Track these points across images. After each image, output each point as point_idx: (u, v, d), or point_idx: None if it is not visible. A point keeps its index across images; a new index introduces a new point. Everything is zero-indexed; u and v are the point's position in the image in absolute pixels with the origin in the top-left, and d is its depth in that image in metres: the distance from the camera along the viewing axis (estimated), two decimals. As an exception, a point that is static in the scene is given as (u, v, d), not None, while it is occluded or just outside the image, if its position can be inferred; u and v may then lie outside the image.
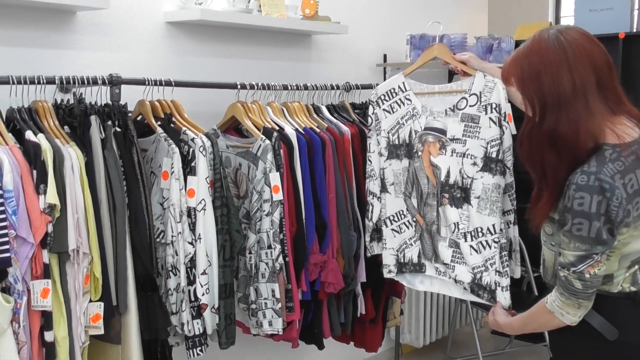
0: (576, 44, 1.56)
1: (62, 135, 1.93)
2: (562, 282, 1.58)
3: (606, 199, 1.50)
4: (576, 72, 1.54)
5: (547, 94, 1.56)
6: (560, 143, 1.56)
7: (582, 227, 1.52)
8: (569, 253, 1.56)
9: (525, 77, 1.61)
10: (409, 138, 2.37)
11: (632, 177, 1.54)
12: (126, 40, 2.44)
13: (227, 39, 2.77)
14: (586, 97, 1.54)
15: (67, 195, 1.83)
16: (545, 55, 1.56)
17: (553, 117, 1.56)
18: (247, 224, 2.31)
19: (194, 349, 2.12)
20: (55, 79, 1.99)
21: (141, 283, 2.04)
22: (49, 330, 1.81)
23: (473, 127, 2.19)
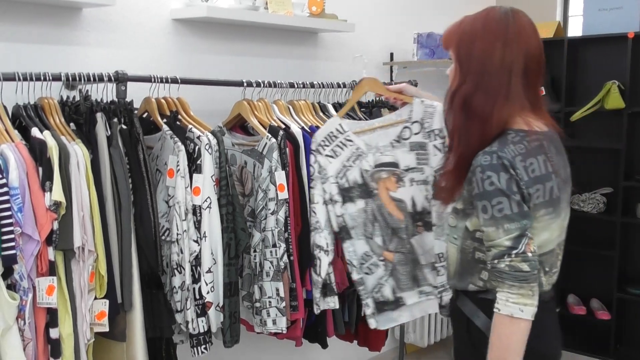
0: (520, 25, 1.55)
1: (68, 133, 1.93)
2: (507, 274, 1.46)
3: (512, 176, 1.47)
4: (509, 49, 1.53)
5: (474, 59, 1.55)
6: (472, 110, 1.55)
7: (503, 206, 1.46)
8: (502, 240, 1.46)
9: (462, 39, 1.59)
10: (360, 179, 2.35)
11: (534, 162, 1.51)
12: (132, 37, 2.44)
13: (234, 37, 2.76)
14: (510, 76, 1.52)
15: (73, 192, 1.83)
16: (488, 24, 1.56)
17: (474, 81, 1.55)
18: (252, 222, 2.30)
19: (198, 347, 2.12)
20: (61, 76, 1.98)
21: (146, 281, 2.04)
22: (54, 327, 1.81)
23: (424, 154, 2.20)
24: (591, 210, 3.85)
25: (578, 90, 3.98)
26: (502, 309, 1.47)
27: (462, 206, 1.60)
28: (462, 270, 1.65)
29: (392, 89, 2.23)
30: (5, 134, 1.82)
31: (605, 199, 3.87)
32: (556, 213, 1.55)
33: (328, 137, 2.32)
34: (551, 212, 1.53)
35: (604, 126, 3.87)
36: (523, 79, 1.54)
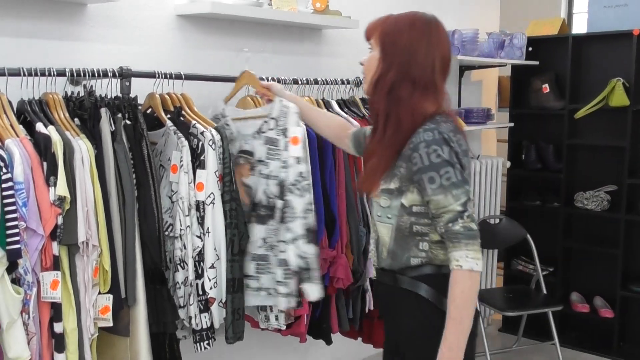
0: (439, 31, 1.75)
1: (73, 128, 1.93)
2: (462, 234, 1.62)
3: (453, 149, 1.65)
4: (432, 48, 1.71)
5: (400, 50, 1.71)
6: (398, 99, 1.70)
7: (450, 175, 1.63)
8: (453, 206, 1.63)
9: (388, 32, 1.75)
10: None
11: (460, 138, 1.71)
12: (136, 33, 2.44)
13: (238, 33, 2.76)
14: (433, 71, 1.71)
15: (77, 187, 1.83)
16: (414, 24, 1.74)
17: (399, 72, 1.70)
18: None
19: (201, 343, 2.13)
20: (66, 71, 1.99)
21: (150, 276, 2.04)
22: (58, 322, 1.81)
23: (274, 149, 2.27)
24: (595, 208, 3.85)
25: (582, 87, 3.97)
26: (463, 264, 1.62)
27: (397, 185, 1.71)
28: (397, 248, 1.75)
29: (263, 85, 2.34)
30: (10, 129, 1.83)
31: (609, 196, 3.87)
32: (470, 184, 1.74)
33: (214, 119, 2.38)
34: (470, 183, 1.72)
35: (609, 124, 3.86)
36: (441, 75, 1.74)
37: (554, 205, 4.01)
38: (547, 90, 3.94)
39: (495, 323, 4.28)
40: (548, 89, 3.94)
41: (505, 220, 3.85)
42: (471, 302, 1.63)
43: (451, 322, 1.63)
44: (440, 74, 1.73)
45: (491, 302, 3.58)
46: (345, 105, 2.76)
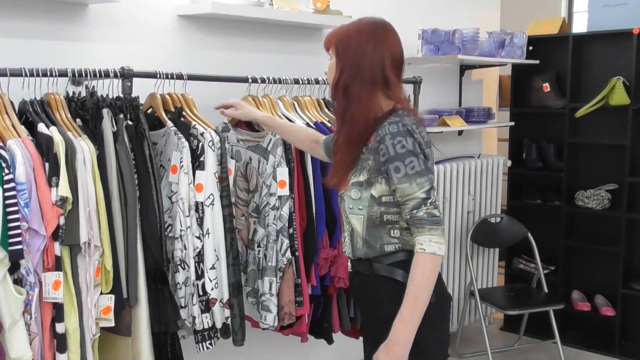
0: (386, 31, 1.84)
1: (74, 128, 1.94)
2: (425, 220, 1.72)
3: (417, 139, 1.74)
4: (379, 47, 1.80)
5: (350, 53, 1.81)
6: (351, 97, 1.80)
7: (414, 164, 1.72)
8: (416, 193, 1.72)
9: (340, 38, 1.86)
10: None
11: (422, 130, 1.80)
12: (138, 33, 2.44)
13: (239, 33, 2.76)
14: (383, 67, 1.80)
15: (79, 188, 1.83)
16: (361, 28, 1.84)
17: (349, 73, 1.81)
18: (257, 217, 2.31)
19: (203, 343, 2.13)
20: (68, 72, 1.99)
21: (152, 276, 2.05)
22: (60, 322, 1.82)
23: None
24: (596, 206, 3.85)
25: (583, 86, 3.97)
26: (427, 248, 1.71)
27: (366, 177, 1.80)
28: (370, 238, 1.83)
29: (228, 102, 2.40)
30: (12, 129, 1.83)
31: (610, 195, 3.87)
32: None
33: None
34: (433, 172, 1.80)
35: (609, 122, 3.86)
36: (394, 70, 1.83)
37: (555, 204, 4.01)
38: (547, 89, 3.94)
39: (496, 322, 4.29)
40: (549, 87, 3.94)
41: (506, 219, 3.85)
42: (429, 283, 1.73)
43: (408, 300, 1.72)
44: (392, 70, 1.82)
45: (493, 300, 3.58)
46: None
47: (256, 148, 2.34)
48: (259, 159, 2.33)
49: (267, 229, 2.27)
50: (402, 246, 1.81)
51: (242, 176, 2.38)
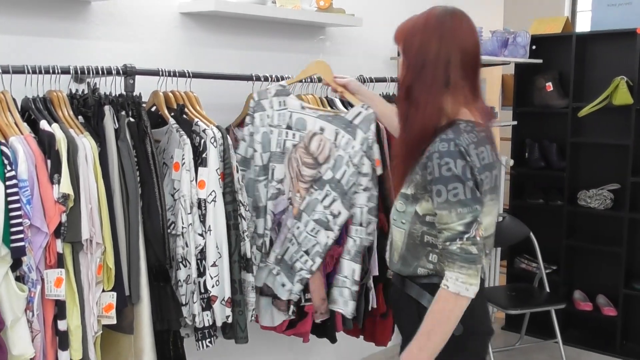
0: (456, 22, 1.67)
1: (76, 125, 1.93)
2: (458, 255, 1.56)
3: (468, 163, 1.56)
4: (444, 43, 1.63)
5: (414, 52, 1.67)
6: (412, 99, 1.66)
7: (458, 191, 1.55)
8: (454, 225, 1.56)
9: (407, 34, 1.72)
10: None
11: (484, 151, 1.62)
12: (141, 31, 2.44)
13: (242, 31, 2.76)
14: (447, 68, 1.62)
15: (81, 185, 1.83)
16: (428, 21, 1.68)
17: (413, 73, 1.66)
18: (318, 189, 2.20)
19: (204, 341, 2.13)
20: (70, 69, 1.99)
21: (154, 274, 2.05)
22: (62, 319, 1.82)
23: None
24: (598, 206, 3.84)
25: (586, 86, 3.96)
26: (450, 286, 1.57)
27: (412, 191, 1.67)
28: (408, 255, 1.71)
29: (338, 82, 2.26)
30: (15, 126, 1.83)
31: (613, 195, 3.86)
32: (497, 198, 1.69)
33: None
34: (494, 197, 1.66)
35: (612, 122, 3.85)
36: (462, 71, 1.64)
37: (557, 204, 4.00)
38: (550, 88, 3.93)
39: (498, 321, 4.28)
40: (552, 87, 3.93)
41: (509, 218, 3.84)
42: (447, 324, 1.59)
43: (419, 336, 1.61)
44: (458, 70, 1.63)
45: (494, 300, 3.58)
46: (348, 103, 2.75)
47: (333, 118, 2.21)
48: (336, 131, 2.20)
49: (352, 210, 2.17)
50: (436, 272, 1.67)
51: (304, 148, 2.24)
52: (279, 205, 2.32)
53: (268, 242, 2.35)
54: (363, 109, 2.21)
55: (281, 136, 2.26)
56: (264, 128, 2.28)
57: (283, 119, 2.25)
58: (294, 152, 2.22)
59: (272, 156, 2.30)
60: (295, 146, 2.22)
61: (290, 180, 2.25)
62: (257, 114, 2.30)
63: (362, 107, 2.22)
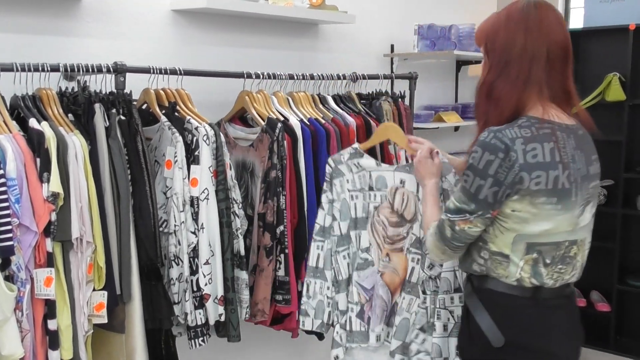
0: (542, 15, 1.58)
1: (66, 123, 1.92)
2: (439, 223, 1.64)
3: (498, 159, 1.50)
4: (530, 37, 1.56)
5: (498, 48, 1.60)
6: (494, 98, 1.59)
7: (467, 179, 1.55)
8: (451, 199, 1.61)
9: (488, 32, 1.65)
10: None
11: (537, 148, 1.52)
12: (131, 28, 2.42)
13: (233, 28, 2.75)
14: (531, 64, 1.56)
15: (71, 183, 1.82)
16: (510, 14, 1.61)
17: (497, 70, 1.60)
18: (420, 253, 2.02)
19: (196, 340, 2.12)
20: (60, 67, 1.97)
21: (145, 272, 2.03)
22: (52, 319, 1.81)
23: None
24: (592, 202, 3.84)
25: (579, 82, 3.88)
26: (430, 230, 1.68)
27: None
28: (466, 250, 1.68)
29: (412, 147, 2.03)
30: (3, 124, 1.82)
31: (606, 191, 3.86)
32: (563, 206, 1.54)
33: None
34: (555, 202, 1.53)
35: (605, 118, 3.84)
36: (546, 65, 1.56)
37: (551, 200, 4.00)
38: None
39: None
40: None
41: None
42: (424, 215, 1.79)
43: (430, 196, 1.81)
44: (544, 64, 1.55)
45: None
46: (341, 100, 2.75)
47: (411, 167, 2.01)
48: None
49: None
50: (487, 271, 1.63)
51: (389, 206, 2.07)
52: (369, 278, 2.09)
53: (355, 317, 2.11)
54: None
55: (366, 199, 2.09)
56: (344, 194, 2.12)
57: (364, 181, 2.10)
58: (376, 214, 2.07)
59: (357, 223, 2.11)
60: (377, 208, 2.07)
61: (377, 246, 2.09)
62: (336, 179, 2.13)
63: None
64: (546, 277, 1.60)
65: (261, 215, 2.30)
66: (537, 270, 1.58)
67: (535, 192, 1.51)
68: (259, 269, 2.30)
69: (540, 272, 1.59)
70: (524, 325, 1.59)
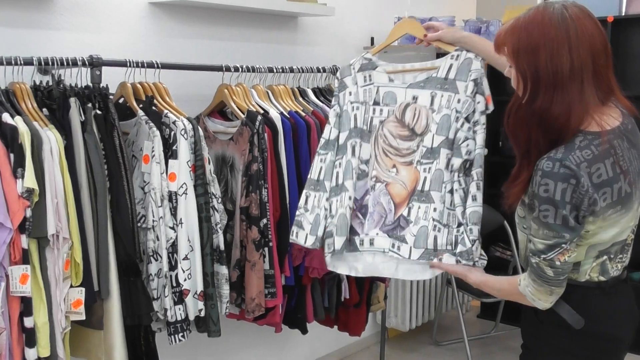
0: (580, 24, 1.48)
1: (41, 118, 1.89)
2: (533, 268, 1.56)
3: (571, 185, 1.46)
4: (576, 53, 1.46)
5: (542, 71, 1.49)
6: (549, 124, 1.51)
7: (548, 214, 1.48)
8: (537, 240, 1.53)
9: (521, 49, 1.52)
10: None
11: (601, 167, 1.49)
12: (108, 21, 2.39)
13: (212, 21, 2.72)
14: (582, 80, 1.48)
15: (46, 179, 1.79)
16: (547, 30, 1.48)
17: (547, 96, 1.49)
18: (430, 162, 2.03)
19: (176, 335, 2.11)
20: (34, 60, 1.94)
21: (124, 268, 2.02)
22: (28, 316, 1.78)
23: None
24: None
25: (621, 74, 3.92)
26: (521, 286, 1.61)
27: (528, 200, 1.57)
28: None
29: (431, 37, 2.09)
30: (-24, 120, 1.79)
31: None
32: (627, 208, 1.55)
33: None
34: (620, 209, 1.53)
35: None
36: (594, 79, 1.50)
37: (531, 192, 4.02)
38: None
39: (473, 309, 4.31)
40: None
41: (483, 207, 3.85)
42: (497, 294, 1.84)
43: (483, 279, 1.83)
44: (592, 78, 1.49)
45: (469, 288, 3.59)
46: (321, 93, 2.74)
47: (426, 83, 2.05)
48: (432, 94, 2.03)
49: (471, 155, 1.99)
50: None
51: (396, 121, 2.08)
52: (361, 189, 2.11)
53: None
54: (453, 60, 2.04)
55: (368, 113, 2.09)
56: (345, 106, 2.12)
57: (369, 95, 2.09)
58: (381, 128, 2.07)
59: (356, 133, 2.10)
60: (383, 122, 2.08)
61: (376, 158, 2.09)
62: (341, 93, 2.14)
63: (452, 59, 2.04)
64: (612, 270, 1.62)
65: (244, 209, 2.28)
66: (605, 268, 1.61)
67: (603, 208, 1.51)
68: (250, 263, 2.28)
69: (607, 268, 1.61)
70: (592, 312, 1.60)
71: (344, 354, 3.57)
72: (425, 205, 2.04)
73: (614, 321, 1.63)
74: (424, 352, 3.71)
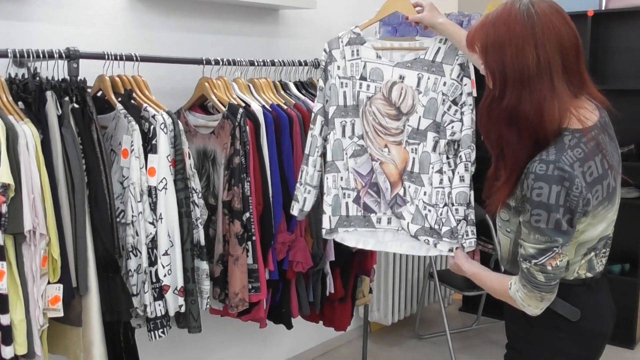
0: (546, 20, 1.46)
1: (16, 112, 1.85)
2: (524, 274, 1.53)
3: (565, 188, 1.44)
4: (542, 49, 1.45)
5: (508, 68, 1.47)
6: (521, 123, 1.49)
7: (540, 219, 1.46)
8: (528, 245, 1.50)
9: (489, 46, 1.50)
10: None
11: (592, 165, 1.47)
12: (85, 13, 2.35)
13: (192, 13, 2.69)
14: (551, 77, 1.46)
15: (22, 174, 1.76)
16: (513, 26, 1.46)
17: (514, 94, 1.47)
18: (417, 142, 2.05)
19: (156, 331, 2.08)
20: (9, 52, 1.90)
21: (103, 264, 1.99)
22: (4, 314, 1.75)
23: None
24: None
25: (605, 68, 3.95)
26: (512, 290, 1.57)
27: (514, 204, 1.56)
28: (515, 261, 1.63)
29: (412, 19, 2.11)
30: (-51, 113, 1.75)
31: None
32: (612, 203, 1.55)
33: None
34: (607, 204, 1.53)
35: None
36: (565, 75, 1.48)
37: (513, 186, 4.04)
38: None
39: (455, 303, 4.33)
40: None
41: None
42: (489, 290, 1.73)
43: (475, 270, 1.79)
44: (562, 73, 1.46)
45: (451, 282, 3.61)
46: (303, 87, 2.73)
47: (412, 64, 2.05)
48: (418, 75, 2.04)
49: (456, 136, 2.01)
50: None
51: (384, 99, 2.08)
52: (365, 165, 2.12)
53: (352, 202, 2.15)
54: (441, 44, 2.05)
55: (355, 88, 2.08)
56: (333, 80, 2.11)
57: (356, 70, 2.08)
58: (369, 104, 2.06)
59: (345, 113, 2.11)
60: (370, 98, 2.07)
61: (368, 135, 2.09)
62: (329, 66, 2.13)
63: (440, 42, 2.05)
64: (597, 266, 1.62)
65: (226, 203, 2.26)
66: (592, 264, 1.60)
67: (595, 205, 1.50)
68: (233, 258, 2.26)
69: (593, 264, 1.61)
70: (580, 311, 1.59)
71: (327, 348, 3.57)
72: (415, 186, 2.08)
73: (600, 317, 1.63)
74: (406, 346, 3.72)
